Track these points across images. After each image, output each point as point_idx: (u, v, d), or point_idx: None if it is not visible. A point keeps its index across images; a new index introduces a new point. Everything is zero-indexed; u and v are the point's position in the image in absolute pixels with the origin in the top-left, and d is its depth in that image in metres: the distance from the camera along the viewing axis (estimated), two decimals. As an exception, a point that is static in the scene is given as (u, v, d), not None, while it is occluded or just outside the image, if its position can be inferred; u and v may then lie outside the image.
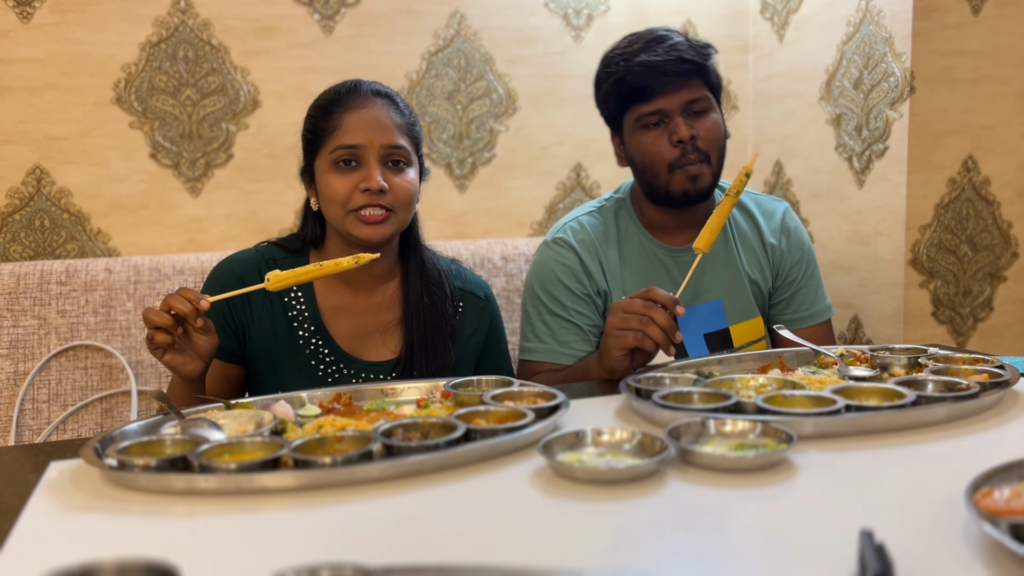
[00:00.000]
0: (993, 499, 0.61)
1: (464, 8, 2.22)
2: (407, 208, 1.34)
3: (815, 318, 1.62)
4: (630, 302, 1.22)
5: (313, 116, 1.37)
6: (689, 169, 1.46)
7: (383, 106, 1.34)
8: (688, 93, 1.46)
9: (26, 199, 1.96)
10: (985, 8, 1.96)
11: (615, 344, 1.22)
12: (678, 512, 0.72)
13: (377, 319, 1.40)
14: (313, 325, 1.37)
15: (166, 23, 2.01)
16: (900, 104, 1.95)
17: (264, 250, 1.42)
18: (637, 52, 1.47)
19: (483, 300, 1.50)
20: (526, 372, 1.56)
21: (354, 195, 1.29)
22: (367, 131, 1.31)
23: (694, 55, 1.46)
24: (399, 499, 0.77)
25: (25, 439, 1.76)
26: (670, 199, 1.50)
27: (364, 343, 1.39)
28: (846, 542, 0.63)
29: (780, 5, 2.34)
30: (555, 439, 0.85)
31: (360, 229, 1.30)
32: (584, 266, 1.55)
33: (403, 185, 1.32)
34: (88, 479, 0.85)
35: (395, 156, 1.32)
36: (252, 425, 0.96)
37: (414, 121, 1.39)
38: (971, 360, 1.12)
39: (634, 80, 1.46)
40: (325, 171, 1.32)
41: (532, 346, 1.56)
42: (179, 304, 1.10)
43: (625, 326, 1.20)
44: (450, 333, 1.41)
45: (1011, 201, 2.07)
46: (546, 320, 1.54)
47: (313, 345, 1.36)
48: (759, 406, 0.94)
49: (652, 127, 1.48)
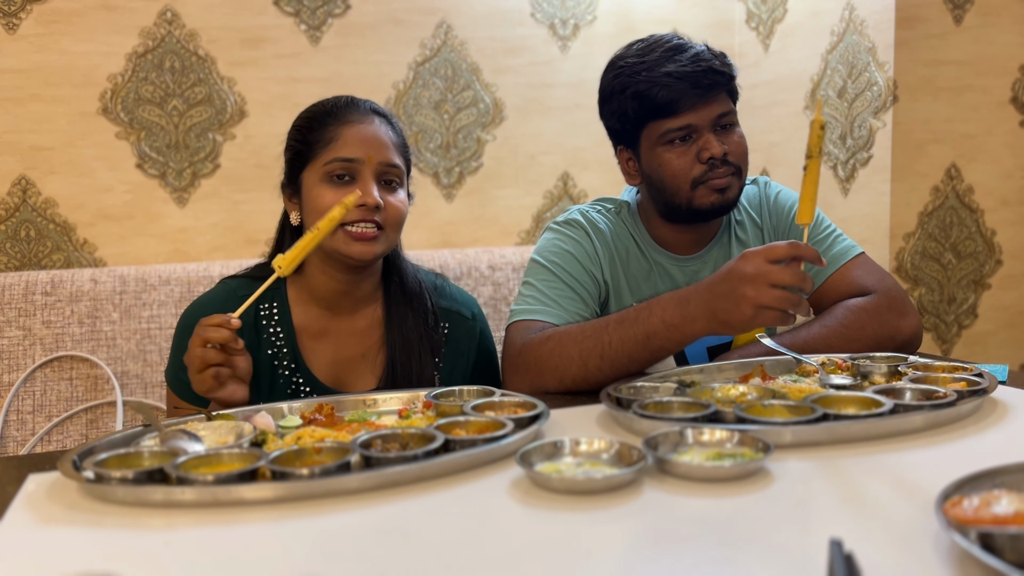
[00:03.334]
0: (962, 508, 0.62)
1: (451, 18, 2.23)
2: (397, 229, 1.32)
3: (834, 264, 1.45)
4: (779, 270, 1.07)
5: (304, 127, 1.33)
6: (716, 183, 1.37)
7: (381, 124, 1.32)
8: (718, 107, 1.37)
9: (11, 210, 1.95)
10: (967, 18, 1.98)
11: (760, 321, 1.09)
12: (654, 522, 0.72)
13: (360, 344, 1.37)
14: (293, 362, 1.33)
15: (152, 34, 2.01)
16: (884, 113, 1.96)
17: (231, 284, 1.37)
18: (659, 62, 1.36)
19: (470, 320, 1.45)
20: (517, 338, 1.35)
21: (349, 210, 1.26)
22: (365, 146, 1.28)
23: (721, 66, 1.37)
24: (377, 510, 0.77)
25: (10, 450, 1.75)
26: (694, 215, 1.41)
27: (345, 373, 1.35)
28: (818, 551, 0.63)
29: (765, 15, 2.36)
30: (533, 449, 0.85)
31: (350, 246, 1.26)
32: (594, 248, 1.46)
33: (396, 205, 1.30)
34: (66, 492, 0.84)
35: (389, 175, 1.30)
36: (232, 437, 0.96)
37: (406, 144, 1.38)
38: (950, 368, 1.13)
39: (661, 94, 1.34)
40: (315, 184, 1.29)
41: (528, 308, 1.39)
42: (215, 334, 1.08)
43: (777, 306, 1.07)
44: (431, 347, 1.37)
45: (994, 209, 2.08)
46: (551, 286, 1.41)
47: (294, 383, 1.32)
48: (738, 415, 0.94)
49: (679, 143, 1.38)
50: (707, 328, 1.16)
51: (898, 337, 1.36)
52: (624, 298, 1.46)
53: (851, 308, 1.38)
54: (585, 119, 2.32)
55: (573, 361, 1.25)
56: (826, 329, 1.35)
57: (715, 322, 1.14)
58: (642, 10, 2.39)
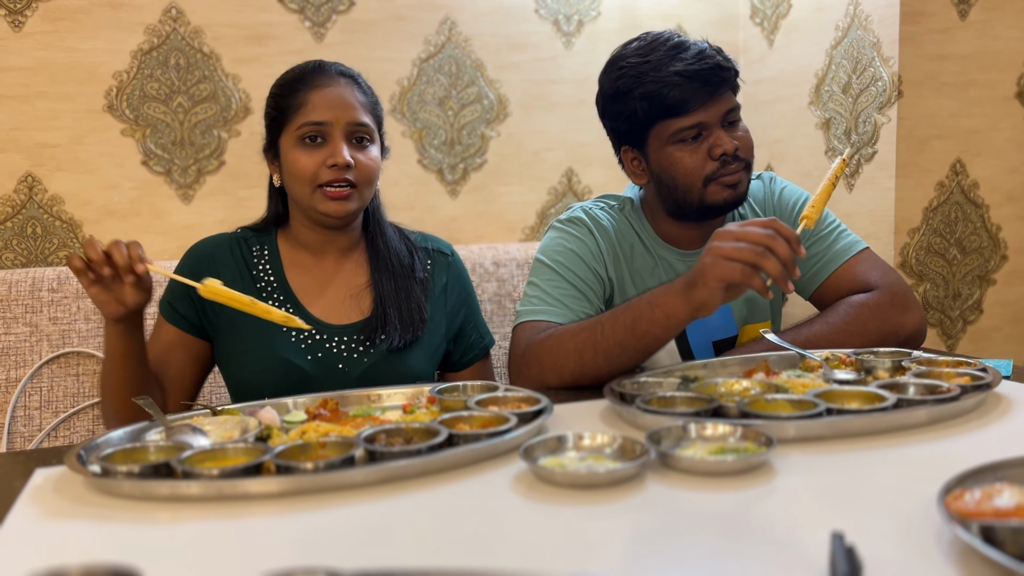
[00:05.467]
0: (964, 501, 0.62)
1: (455, 15, 2.23)
2: (369, 184, 1.39)
3: (838, 259, 1.45)
4: (745, 229, 1.07)
5: (278, 94, 1.40)
6: (727, 179, 1.37)
7: (347, 85, 1.39)
8: (725, 103, 1.37)
9: (18, 207, 1.96)
10: (972, 13, 1.97)
11: (718, 273, 1.07)
12: (657, 516, 0.73)
13: (347, 284, 1.44)
14: (282, 295, 1.40)
15: (157, 31, 2.01)
16: (888, 108, 1.96)
17: (239, 233, 1.47)
18: (664, 61, 1.35)
19: (449, 256, 1.55)
20: (522, 338, 1.36)
21: (320, 171, 1.33)
22: (333, 109, 1.34)
23: (725, 61, 1.37)
24: (381, 504, 0.78)
25: (17, 446, 1.76)
26: (705, 211, 1.41)
27: (335, 308, 1.42)
28: (821, 545, 0.63)
29: (770, 10, 2.35)
30: (537, 444, 0.85)
31: (326, 204, 1.34)
32: (598, 246, 1.46)
33: (367, 162, 1.37)
34: (72, 486, 0.85)
35: (359, 133, 1.37)
36: (237, 431, 0.97)
37: (376, 101, 1.45)
38: (954, 363, 1.13)
39: (672, 94, 1.34)
40: (291, 148, 1.36)
41: (533, 308, 1.40)
42: (118, 256, 1.13)
43: (737, 256, 1.05)
44: (422, 287, 1.45)
45: (1000, 204, 2.08)
46: (555, 286, 1.42)
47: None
48: (741, 410, 0.94)
49: (690, 141, 1.37)
50: (683, 306, 1.14)
51: (901, 333, 1.36)
52: (629, 295, 1.46)
53: (854, 304, 1.38)
54: (589, 115, 2.30)
55: (569, 356, 1.25)
56: (829, 326, 1.35)
57: (689, 302, 1.13)
58: (646, 6, 2.39)
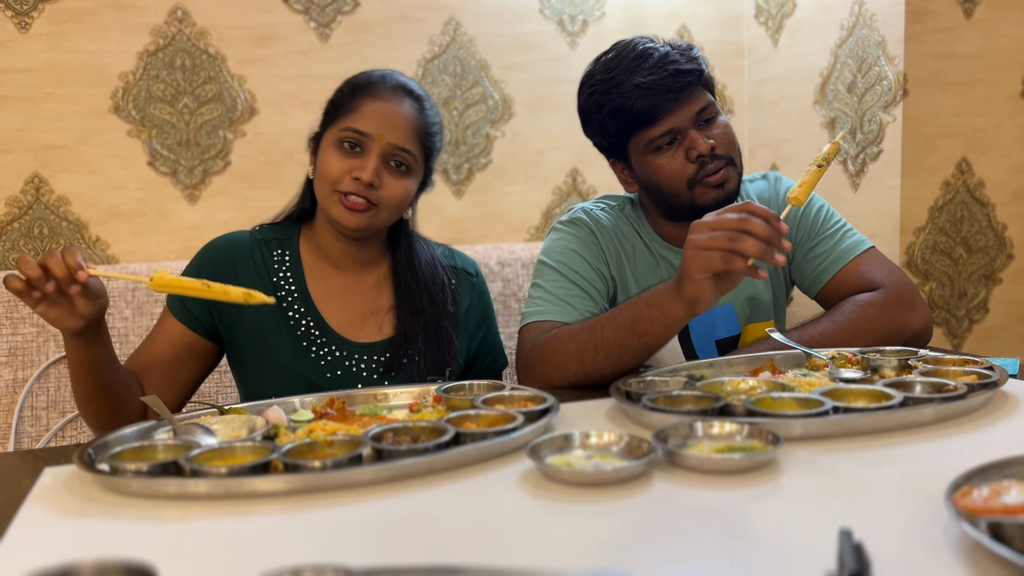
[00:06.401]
0: (972, 498, 0.62)
1: (459, 15, 2.23)
2: (392, 211, 1.34)
3: (843, 259, 1.45)
4: (719, 217, 1.06)
5: (341, 90, 1.37)
6: (711, 179, 1.37)
7: (407, 104, 1.33)
8: (695, 104, 1.37)
9: (25, 207, 1.97)
10: (977, 11, 1.97)
11: (699, 265, 1.07)
12: (664, 513, 0.73)
13: (368, 303, 1.40)
14: (303, 306, 1.36)
15: (163, 32, 2.02)
16: (893, 107, 1.95)
17: (258, 232, 1.42)
18: (626, 74, 1.36)
19: (474, 276, 1.51)
20: (528, 339, 1.37)
21: (345, 178, 1.29)
22: (379, 123, 1.30)
23: (688, 63, 1.36)
24: (388, 502, 0.78)
25: (24, 446, 1.77)
26: (697, 213, 1.38)
27: (354, 324, 1.38)
28: (828, 542, 0.63)
29: (774, 9, 2.35)
30: (543, 442, 0.85)
31: (339, 210, 1.30)
32: (600, 245, 1.47)
33: (395, 188, 1.32)
34: (81, 484, 0.85)
35: (399, 158, 1.32)
36: (245, 430, 0.97)
37: (434, 131, 1.38)
38: (960, 362, 1.13)
39: (636, 106, 1.35)
40: (328, 146, 1.33)
41: (538, 309, 1.40)
42: (56, 268, 1.05)
43: (713, 245, 1.05)
44: (451, 321, 1.40)
45: (1006, 203, 2.07)
46: (559, 286, 1.42)
47: (304, 326, 1.35)
48: (747, 408, 0.94)
49: (665, 147, 1.38)
50: (678, 303, 1.15)
51: (907, 331, 1.36)
52: (631, 294, 1.46)
53: (859, 303, 1.38)
54: (594, 115, 2.31)
55: (572, 356, 1.26)
56: (834, 325, 1.35)
57: (682, 298, 1.13)
58: (650, 6, 2.39)
